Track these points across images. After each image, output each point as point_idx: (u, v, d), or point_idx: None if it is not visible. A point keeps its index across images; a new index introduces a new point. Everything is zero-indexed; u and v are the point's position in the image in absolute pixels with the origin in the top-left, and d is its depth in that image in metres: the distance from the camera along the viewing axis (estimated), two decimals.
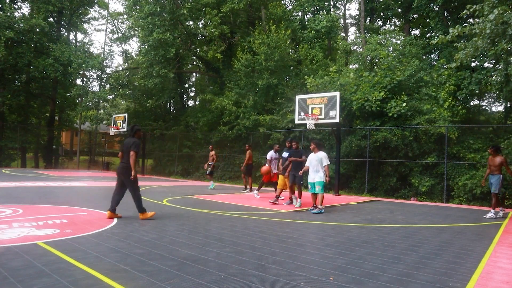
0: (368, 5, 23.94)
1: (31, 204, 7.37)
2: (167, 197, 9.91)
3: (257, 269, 3.56)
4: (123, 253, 3.99)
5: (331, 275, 3.45)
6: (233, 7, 21.24)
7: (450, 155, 13.14)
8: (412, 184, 13.65)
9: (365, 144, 14.46)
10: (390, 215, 8.07)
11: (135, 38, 28.83)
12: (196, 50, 28.16)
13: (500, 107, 18.86)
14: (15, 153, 25.73)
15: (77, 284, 2.97)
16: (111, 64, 60.28)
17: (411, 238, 5.48)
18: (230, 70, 23.45)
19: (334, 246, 4.74)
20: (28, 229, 4.97)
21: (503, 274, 3.75)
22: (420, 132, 13.87)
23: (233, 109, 20.06)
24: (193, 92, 34.38)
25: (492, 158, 8.16)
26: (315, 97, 12.71)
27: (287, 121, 17.37)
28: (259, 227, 5.90)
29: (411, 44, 17.23)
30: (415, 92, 15.10)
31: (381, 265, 3.89)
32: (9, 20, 21.54)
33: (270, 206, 8.76)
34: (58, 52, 23.31)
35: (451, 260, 4.21)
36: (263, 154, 18.80)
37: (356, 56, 18.50)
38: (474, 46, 9.32)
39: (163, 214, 6.90)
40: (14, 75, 24.65)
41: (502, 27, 8.57)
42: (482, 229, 6.60)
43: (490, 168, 8.19)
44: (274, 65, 19.24)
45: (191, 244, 4.54)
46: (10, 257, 3.64)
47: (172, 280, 3.14)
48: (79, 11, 29.10)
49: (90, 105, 26.64)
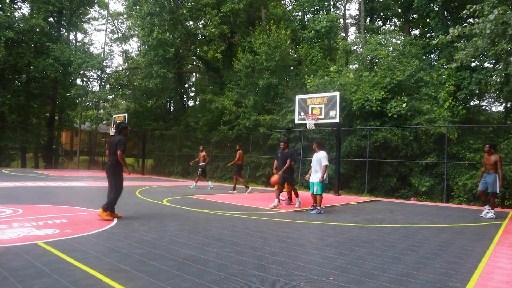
0: (368, 5, 23.95)
1: (31, 204, 7.37)
2: (167, 197, 9.91)
3: (257, 269, 3.56)
4: (123, 253, 3.99)
5: (331, 275, 3.45)
6: (233, 7, 21.23)
7: (450, 155, 13.14)
8: (412, 184, 13.65)
9: (365, 144, 14.46)
10: (390, 215, 8.07)
11: (135, 38, 28.85)
12: (196, 50, 28.16)
13: (500, 107, 18.86)
14: (15, 153, 25.73)
15: (77, 284, 2.97)
16: (111, 64, 60.36)
17: (411, 238, 5.48)
18: (230, 70, 23.44)
19: (334, 246, 4.74)
20: (28, 229, 4.97)
21: (503, 274, 3.75)
22: (420, 132, 13.87)
23: (233, 109, 20.06)
24: (193, 92, 34.41)
25: (488, 156, 8.12)
26: (315, 97, 12.71)
27: (287, 121, 17.37)
28: (259, 227, 5.90)
29: (411, 44, 17.23)
30: (415, 92, 15.10)
31: (381, 265, 3.89)
32: (9, 20, 21.54)
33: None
34: (58, 52, 23.31)
35: (451, 260, 4.21)
36: (263, 154, 18.82)
37: (356, 56, 18.50)
38: (474, 46, 9.32)
39: (163, 214, 6.90)
40: (14, 75, 24.66)
41: (502, 27, 8.57)
42: (482, 229, 6.60)
43: (486, 167, 8.16)
44: (274, 65, 19.24)
45: (191, 244, 4.54)
46: (10, 257, 3.64)
47: (172, 280, 3.14)
48: (79, 11, 29.10)
49: (90, 105, 26.63)
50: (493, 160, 8.00)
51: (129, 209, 7.22)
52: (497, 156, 8.02)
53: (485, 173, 8.19)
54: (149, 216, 6.65)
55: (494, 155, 8.05)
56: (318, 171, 7.84)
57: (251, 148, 19.30)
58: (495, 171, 7.99)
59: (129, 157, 31.07)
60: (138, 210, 7.33)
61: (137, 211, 7.11)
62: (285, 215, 7.45)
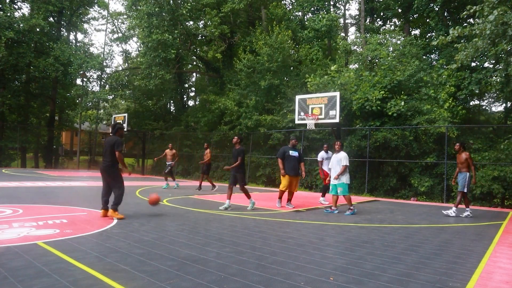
0: (368, 5, 23.94)
1: (31, 204, 7.37)
2: (167, 197, 9.91)
3: (257, 269, 3.56)
4: (123, 253, 3.99)
5: (331, 275, 3.45)
6: (233, 7, 21.23)
7: (450, 155, 13.14)
8: (412, 184, 13.65)
9: (365, 144, 14.46)
10: (390, 215, 8.07)
11: (135, 38, 28.86)
12: (196, 50, 28.15)
13: (500, 107, 18.87)
14: (15, 153, 25.73)
15: (77, 284, 2.97)
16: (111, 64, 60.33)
17: (411, 238, 5.48)
18: (231, 70, 23.44)
19: (334, 246, 4.74)
20: (28, 229, 4.97)
21: (503, 274, 3.75)
22: (420, 132, 13.87)
23: (234, 109, 20.05)
24: (193, 92, 34.42)
25: (459, 155, 8.23)
26: (315, 97, 12.70)
27: (287, 121, 17.37)
28: (259, 227, 5.90)
29: (411, 44, 17.23)
30: (415, 92, 15.10)
31: (381, 265, 3.89)
32: (9, 20, 21.55)
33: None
34: (58, 52, 23.32)
35: (451, 260, 4.21)
36: (263, 154, 18.81)
37: (356, 56, 18.50)
38: (474, 47, 9.33)
39: (163, 214, 6.90)
40: (14, 75, 24.65)
41: (502, 27, 8.57)
42: (482, 229, 6.60)
43: (458, 166, 8.28)
44: (276, 66, 19.24)
45: (191, 244, 4.54)
46: (10, 257, 3.64)
47: (172, 280, 3.14)
48: (79, 11, 29.10)
49: (90, 105, 26.64)
50: (463, 158, 8.10)
51: (129, 209, 7.21)
52: (467, 154, 8.13)
53: (458, 172, 8.30)
54: (149, 216, 6.66)
55: (464, 153, 8.15)
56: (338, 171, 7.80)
57: (251, 148, 19.29)
58: (467, 170, 8.11)
59: (130, 157, 31.08)
60: (138, 210, 7.33)
61: (137, 211, 7.11)
62: (285, 215, 7.45)
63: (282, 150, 8.66)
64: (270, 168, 18.25)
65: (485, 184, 11.75)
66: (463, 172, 8.12)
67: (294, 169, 8.46)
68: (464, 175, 8.10)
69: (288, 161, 8.48)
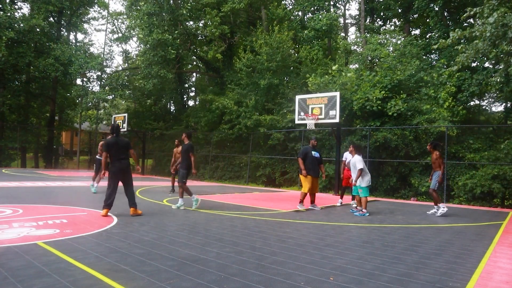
0: (368, 5, 23.94)
1: (31, 204, 7.37)
2: (167, 197, 9.91)
3: (257, 269, 3.56)
4: (123, 253, 3.99)
5: (331, 275, 3.45)
6: (233, 7, 21.23)
7: (450, 155, 13.14)
8: (412, 184, 13.65)
9: (365, 144, 14.46)
10: (390, 215, 8.07)
11: (135, 38, 28.84)
12: (196, 50, 28.14)
13: (500, 107, 18.85)
14: (15, 153, 25.73)
15: (77, 284, 2.97)
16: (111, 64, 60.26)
17: (411, 238, 5.48)
18: (231, 70, 23.43)
19: (334, 246, 4.74)
20: (28, 229, 4.97)
21: (503, 274, 3.75)
22: (420, 132, 13.87)
23: (234, 108, 20.05)
24: (193, 92, 34.41)
25: (431, 155, 8.40)
26: (315, 97, 12.69)
27: (287, 121, 17.37)
28: (259, 227, 5.90)
29: (411, 44, 17.24)
30: (415, 92, 15.10)
31: (381, 265, 3.89)
32: (10, 20, 21.56)
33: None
34: (58, 52, 23.33)
35: (451, 260, 4.21)
36: (263, 154, 18.81)
37: (357, 56, 18.49)
38: (474, 49, 9.32)
39: (163, 214, 6.91)
40: (14, 75, 24.66)
41: (502, 29, 8.56)
42: (482, 229, 6.60)
43: (432, 165, 8.43)
44: (275, 66, 19.24)
45: (191, 244, 4.54)
46: (10, 257, 3.64)
47: (172, 280, 3.14)
48: (79, 11, 29.10)
49: (90, 105, 26.65)
50: (434, 158, 8.28)
51: (129, 209, 7.20)
52: (437, 153, 8.27)
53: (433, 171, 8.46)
54: (149, 216, 6.66)
55: (434, 153, 8.30)
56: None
57: (251, 148, 19.29)
58: (439, 169, 8.24)
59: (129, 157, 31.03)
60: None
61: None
62: (285, 215, 7.45)
63: (305, 150, 8.54)
64: (270, 168, 18.25)
65: (485, 184, 11.75)
66: (436, 171, 8.28)
67: (315, 170, 8.38)
68: (437, 174, 8.25)
69: (310, 162, 8.32)
